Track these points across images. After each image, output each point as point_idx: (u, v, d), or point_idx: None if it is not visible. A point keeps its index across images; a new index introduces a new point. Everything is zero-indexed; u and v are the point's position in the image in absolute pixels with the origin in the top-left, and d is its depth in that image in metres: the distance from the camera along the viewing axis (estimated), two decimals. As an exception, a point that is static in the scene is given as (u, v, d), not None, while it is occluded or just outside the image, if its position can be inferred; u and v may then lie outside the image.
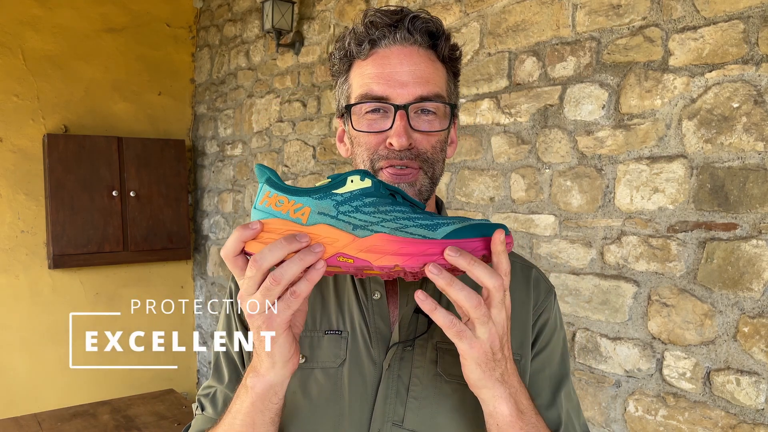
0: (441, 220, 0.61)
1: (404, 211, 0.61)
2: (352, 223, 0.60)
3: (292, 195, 0.60)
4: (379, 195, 0.61)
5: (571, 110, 1.79)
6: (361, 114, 0.74)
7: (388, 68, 0.72)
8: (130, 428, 2.49)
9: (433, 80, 0.73)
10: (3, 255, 3.43)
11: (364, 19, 0.74)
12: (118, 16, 3.74)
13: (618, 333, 1.70)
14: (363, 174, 0.62)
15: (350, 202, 0.60)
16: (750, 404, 1.41)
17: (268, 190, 0.61)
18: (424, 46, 0.73)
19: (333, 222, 0.59)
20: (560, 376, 0.82)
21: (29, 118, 3.47)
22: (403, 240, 0.59)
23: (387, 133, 0.72)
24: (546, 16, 1.85)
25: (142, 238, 3.67)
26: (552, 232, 1.86)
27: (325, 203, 0.60)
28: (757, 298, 1.39)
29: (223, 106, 3.77)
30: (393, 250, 0.59)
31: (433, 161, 0.74)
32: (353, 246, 0.59)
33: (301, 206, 0.60)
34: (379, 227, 0.60)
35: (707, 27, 1.47)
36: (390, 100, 0.71)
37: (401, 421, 0.72)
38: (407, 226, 0.60)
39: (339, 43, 0.77)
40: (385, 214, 0.60)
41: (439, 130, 0.74)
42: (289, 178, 3.13)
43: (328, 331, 0.77)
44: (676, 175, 1.54)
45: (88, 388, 3.57)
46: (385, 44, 0.73)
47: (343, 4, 2.75)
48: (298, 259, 0.56)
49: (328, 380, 0.75)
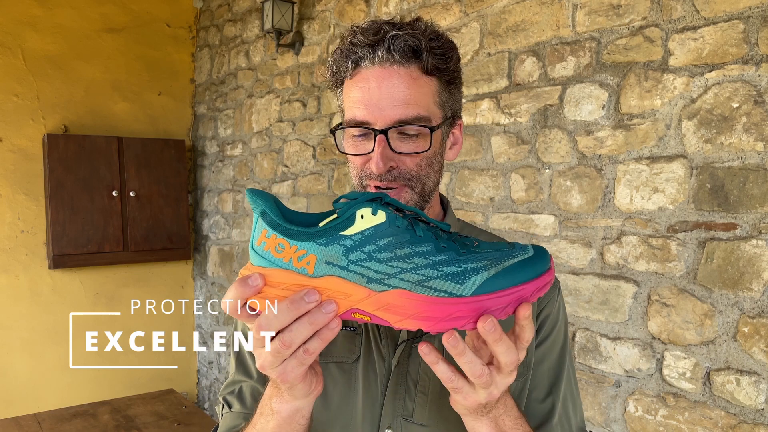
0: (470, 264, 0.52)
1: (426, 254, 0.52)
2: (366, 275, 0.52)
3: (293, 239, 0.52)
4: (395, 232, 0.52)
5: (571, 110, 1.79)
6: (348, 135, 0.76)
7: (368, 92, 0.71)
8: (130, 428, 2.49)
9: (414, 101, 0.71)
10: (3, 255, 3.43)
11: (348, 38, 0.74)
12: (118, 16, 3.74)
13: (618, 333, 1.70)
14: (375, 205, 0.53)
15: (362, 248, 0.51)
16: (750, 404, 1.41)
17: (264, 228, 0.53)
18: (404, 63, 0.71)
19: (344, 274, 0.52)
20: (558, 370, 0.83)
21: (29, 118, 3.47)
22: (426, 300, 0.51)
23: (371, 155, 0.72)
24: (546, 16, 1.85)
25: (142, 238, 3.67)
26: (552, 232, 1.86)
27: (332, 250, 0.51)
28: (757, 298, 1.39)
29: (223, 106, 3.77)
30: (415, 313, 0.52)
31: (419, 177, 0.74)
32: (369, 302, 0.52)
33: (305, 254, 0.52)
34: (398, 281, 0.52)
35: (707, 27, 1.47)
36: (371, 124, 0.72)
37: (410, 416, 0.75)
38: (430, 279, 0.51)
39: (330, 59, 0.77)
40: (404, 261, 0.52)
41: (421, 152, 0.73)
42: (289, 178, 3.13)
43: (344, 327, 0.78)
44: (676, 175, 1.54)
45: (88, 388, 3.58)
46: (365, 65, 0.72)
47: (343, 4, 2.75)
48: (307, 322, 0.52)
49: (343, 375, 0.77)
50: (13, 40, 3.40)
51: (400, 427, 0.75)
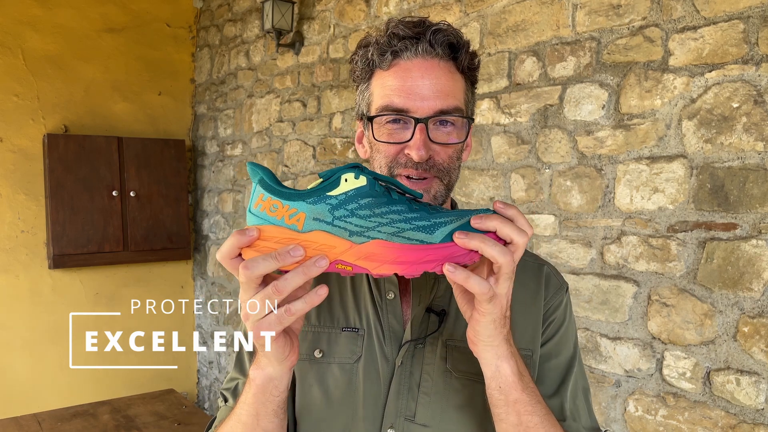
0: (439, 219, 0.60)
1: (401, 211, 0.59)
2: (348, 229, 0.59)
3: (286, 199, 0.59)
4: (374, 194, 0.59)
5: (571, 110, 1.79)
6: (381, 124, 0.76)
7: (409, 81, 0.73)
8: (130, 428, 2.49)
9: (453, 93, 0.74)
10: (3, 255, 3.43)
11: (387, 30, 0.75)
12: (118, 16, 3.74)
13: (618, 333, 1.70)
14: (357, 171, 0.60)
15: (345, 206, 0.59)
16: (750, 404, 1.41)
17: (261, 192, 0.59)
18: (444, 58, 0.74)
19: (329, 228, 0.58)
20: (567, 368, 0.83)
21: (29, 118, 3.47)
22: (401, 247, 0.59)
23: (406, 144, 0.74)
24: (546, 16, 1.85)
25: (142, 238, 3.67)
26: (552, 232, 1.86)
27: (319, 208, 0.58)
28: (757, 298, 1.39)
29: (223, 106, 3.77)
30: (391, 258, 0.59)
31: (449, 170, 0.77)
32: (351, 253, 0.59)
33: (295, 212, 0.58)
34: (376, 233, 0.59)
35: (707, 27, 1.47)
36: (410, 112, 0.73)
37: (413, 416, 0.76)
38: (404, 230, 0.59)
39: (361, 51, 0.78)
40: (381, 217, 0.59)
41: (457, 142, 0.76)
42: (289, 178, 3.13)
43: (345, 328, 0.81)
44: (676, 175, 1.54)
45: (88, 388, 3.58)
46: (406, 56, 0.74)
47: (343, 4, 2.75)
48: (302, 272, 0.57)
49: (344, 375, 0.78)
50: (13, 40, 3.40)
51: (403, 427, 0.75)
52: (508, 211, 0.60)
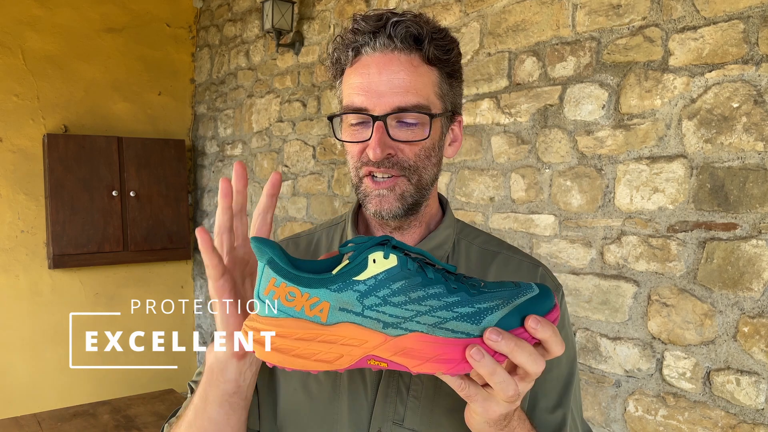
0: (483, 303, 0.52)
1: (439, 295, 0.52)
2: (382, 320, 0.51)
3: (305, 287, 0.51)
4: (407, 275, 0.52)
5: (571, 110, 1.79)
6: (346, 124, 0.75)
7: (367, 78, 0.71)
8: (130, 428, 2.49)
9: (414, 89, 0.70)
10: (3, 255, 3.43)
11: (351, 26, 0.73)
12: (118, 16, 3.74)
13: (618, 333, 1.70)
14: (386, 249, 0.52)
15: (376, 292, 0.51)
16: (750, 404, 1.41)
17: (273, 276, 0.51)
18: (405, 51, 0.70)
19: (359, 320, 0.51)
20: (569, 377, 0.81)
21: (29, 118, 3.47)
22: (444, 342, 0.51)
23: (368, 142, 0.71)
24: (546, 16, 1.85)
25: (142, 238, 3.67)
26: (552, 232, 1.86)
27: (346, 296, 0.51)
28: (757, 298, 1.39)
29: (223, 106, 3.77)
30: (435, 355, 0.51)
31: (416, 168, 0.73)
32: (385, 348, 0.51)
33: (317, 301, 0.51)
34: (414, 324, 0.51)
35: (707, 27, 1.47)
36: (369, 111, 0.71)
37: (402, 420, 0.73)
38: (446, 320, 0.51)
39: (330, 49, 0.77)
40: (419, 304, 0.51)
41: (420, 140, 0.72)
42: (289, 178, 3.13)
43: None
44: (676, 175, 1.54)
45: (88, 388, 3.57)
46: (366, 52, 0.71)
47: (343, 4, 2.75)
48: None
49: (328, 378, 0.75)
50: (13, 40, 3.40)
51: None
52: (538, 334, 0.53)
